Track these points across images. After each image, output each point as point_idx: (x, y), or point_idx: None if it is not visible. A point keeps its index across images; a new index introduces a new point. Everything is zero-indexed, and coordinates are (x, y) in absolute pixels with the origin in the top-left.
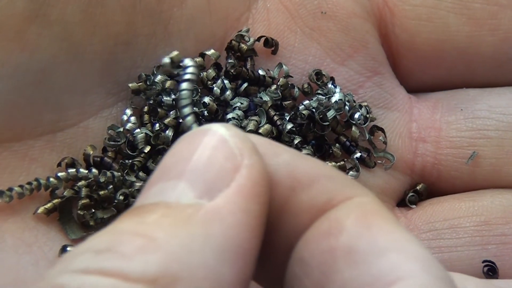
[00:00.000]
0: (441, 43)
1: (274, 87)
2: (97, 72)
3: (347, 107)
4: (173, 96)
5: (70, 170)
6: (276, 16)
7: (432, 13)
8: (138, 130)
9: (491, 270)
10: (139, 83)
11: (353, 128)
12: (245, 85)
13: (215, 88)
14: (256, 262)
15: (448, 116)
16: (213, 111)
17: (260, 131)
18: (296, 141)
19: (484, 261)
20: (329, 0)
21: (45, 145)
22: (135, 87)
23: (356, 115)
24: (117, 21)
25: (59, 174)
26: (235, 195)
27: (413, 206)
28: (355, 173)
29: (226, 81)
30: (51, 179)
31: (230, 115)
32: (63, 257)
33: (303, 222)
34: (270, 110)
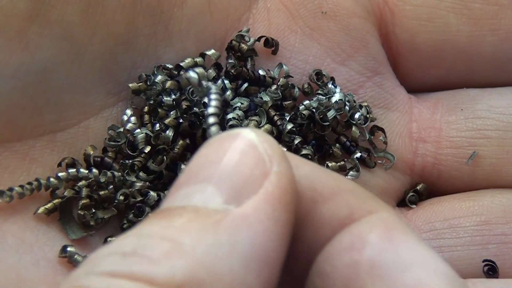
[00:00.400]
0: (441, 43)
1: (274, 87)
2: (97, 72)
3: (347, 107)
4: (173, 96)
5: (71, 170)
6: (277, 16)
7: (433, 13)
8: (138, 130)
9: (491, 269)
10: (139, 83)
11: (353, 128)
12: (246, 85)
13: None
14: (280, 272)
15: (448, 116)
16: None
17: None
18: (296, 141)
19: (484, 261)
20: (329, 0)
21: (45, 145)
22: (135, 87)
23: (356, 115)
24: (118, 21)
25: (60, 174)
26: (263, 202)
27: (413, 206)
28: (355, 173)
29: (226, 81)
30: (51, 179)
31: (230, 115)
32: (88, 258)
33: (324, 235)
34: (270, 110)
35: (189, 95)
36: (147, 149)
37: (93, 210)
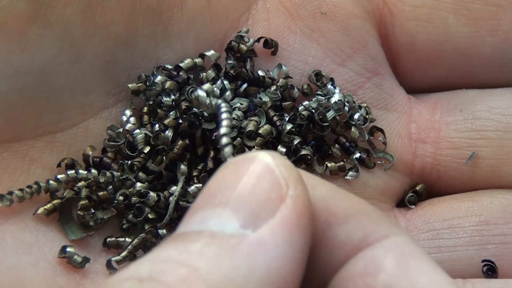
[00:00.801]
0: (440, 43)
1: (273, 87)
2: (97, 72)
3: (346, 108)
4: (172, 97)
5: (70, 171)
6: (276, 17)
7: (432, 13)
8: (137, 130)
9: (490, 269)
10: (138, 84)
11: (353, 129)
12: (245, 85)
13: (215, 89)
14: None
15: (448, 116)
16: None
17: (260, 131)
18: (295, 142)
19: (483, 261)
20: (329, 1)
21: (45, 145)
22: (134, 87)
23: (356, 116)
24: (117, 21)
25: (59, 177)
26: (280, 227)
27: (412, 207)
28: (354, 173)
29: (225, 82)
30: (51, 181)
31: None
32: (106, 283)
33: (338, 258)
34: (269, 111)
35: (188, 96)
36: (147, 149)
37: (93, 211)
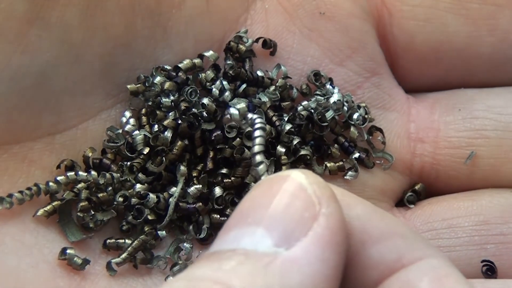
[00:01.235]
0: (439, 43)
1: (272, 88)
2: (96, 74)
3: (345, 108)
4: (171, 98)
5: (69, 173)
6: (275, 17)
7: (430, 13)
8: (137, 131)
9: (490, 269)
10: (137, 85)
11: (352, 129)
12: (244, 86)
13: (213, 89)
14: None
15: (446, 116)
16: (212, 112)
17: None
18: (294, 142)
19: (483, 261)
20: (327, 1)
21: (44, 147)
22: (133, 88)
23: (355, 116)
24: (116, 23)
25: (59, 178)
26: (313, 245)
27: (411, 206)
28: (353, 173)
29: (224, 82)
30: (50, 183)
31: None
32: None
33: (372, 278)
34: (268, 111)
35: (187, 96)
36: (146, 150)
37: (92, 212)
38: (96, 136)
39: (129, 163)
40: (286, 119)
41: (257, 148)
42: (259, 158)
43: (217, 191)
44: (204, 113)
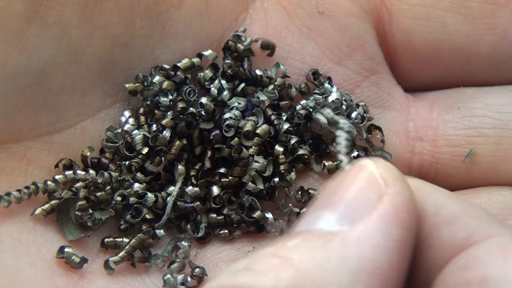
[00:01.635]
0: (438, 42)
1: (271, 87)
2: (95, 73)
3: (344, 107)
4: (170, 97)
5: (68, 172)
6: (274, 16)
7: (430, 12)
8: (136, 131)
9: None
10: (136, 84)
11: None
12: (242, 85)
13: (212, 89)
14: (398, 285)
15: (445, 114)
16: (210, 111)
17: (258, 131)
18: (293, 141)
19: None
20: (326, 0)
21: (43, 146)
22: (131, 87)
23: (353, 115)
24: (115, 22)
25: (57, 177)
26: (375, 221)
27: None
28: None
29: (223, 82)
30: (48, 182)
31: (227, 115)
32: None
33: (443, 257)
34: (267, 110)
35: (185, 96)
36: (145, 150)
37: (90, 211)
38: (94, 135)
39: (127, 162)
40: (284, 118)
41: (342, 151)
42: (345, 159)
43: (215, 190)
44: (203, 113)
